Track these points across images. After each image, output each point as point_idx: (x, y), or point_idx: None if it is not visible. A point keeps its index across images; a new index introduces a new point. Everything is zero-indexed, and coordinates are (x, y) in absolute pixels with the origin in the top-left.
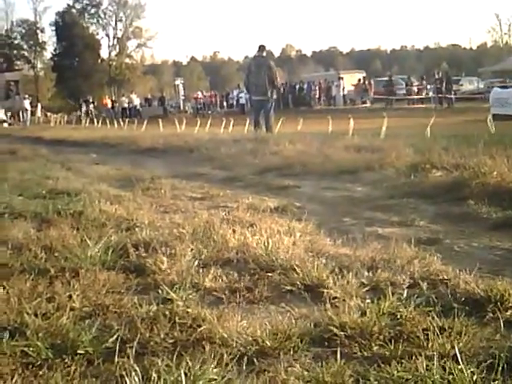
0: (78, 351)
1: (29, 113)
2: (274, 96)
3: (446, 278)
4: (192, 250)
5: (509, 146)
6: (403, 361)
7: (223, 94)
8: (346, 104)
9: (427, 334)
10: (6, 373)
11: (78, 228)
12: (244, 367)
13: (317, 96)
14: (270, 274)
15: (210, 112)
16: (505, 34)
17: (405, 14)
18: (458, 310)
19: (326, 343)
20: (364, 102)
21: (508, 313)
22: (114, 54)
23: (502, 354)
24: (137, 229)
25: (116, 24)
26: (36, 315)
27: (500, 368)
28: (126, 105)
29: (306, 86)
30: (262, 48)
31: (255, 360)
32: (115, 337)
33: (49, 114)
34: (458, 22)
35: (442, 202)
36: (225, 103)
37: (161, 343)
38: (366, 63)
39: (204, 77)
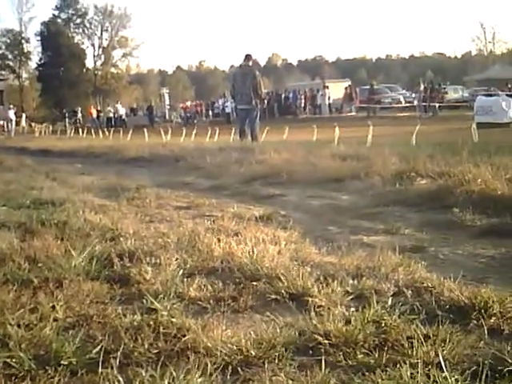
0: (62, 362)
1: (13, 123)
2: (259, 105)
3: (430, 285)
4: (177, 259)
5: (492, 154)
6: (388, 369)
7: (208, 102)
8: (331, 113)
9: (412, 342)
10: None
11: (62, 238)
12: (228, 376)
13: (302, 105)
14: (254, 283)
15: (195, 121)
16: (489, 42)
17: (390, 24)
18: (442, 318)
19: (311, 352)
20: (349, 111)
21: (492, 320)
22: (99, 63)
23: (485, 361)
24: (121, 238)
25: (101, 34)
26: (19, 326)
27: (484, 375)
28: (111, 114)
29: (291, 95)
30: (247, 57)
31: (240, 369)
32: (99, 347)
33: (33, 124)
34: (443, 30)
35: (426, 210)
36: (210, 112)
37: (145, 353)
38: (352, 72)
39: (190, 86)
